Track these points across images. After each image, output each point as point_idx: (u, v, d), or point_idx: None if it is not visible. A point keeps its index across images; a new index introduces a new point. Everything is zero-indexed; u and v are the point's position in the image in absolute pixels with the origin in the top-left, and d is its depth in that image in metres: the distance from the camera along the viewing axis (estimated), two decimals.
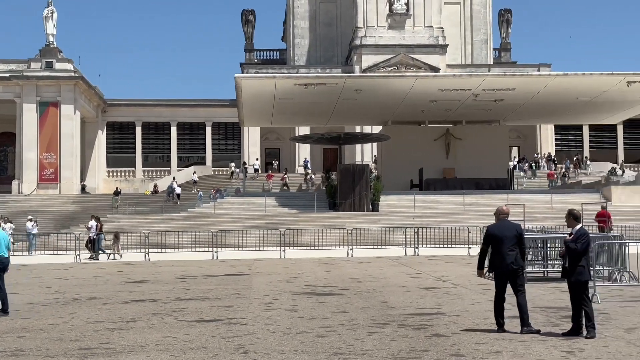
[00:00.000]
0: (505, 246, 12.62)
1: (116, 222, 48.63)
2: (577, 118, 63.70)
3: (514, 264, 12.58)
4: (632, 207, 50.68)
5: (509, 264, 12.57)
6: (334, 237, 39.29)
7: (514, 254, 12.60)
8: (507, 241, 12.63)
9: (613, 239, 21.08)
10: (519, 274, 12.63)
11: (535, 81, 51.06)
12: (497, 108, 55.29)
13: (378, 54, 74.91)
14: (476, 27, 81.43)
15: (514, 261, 12.59)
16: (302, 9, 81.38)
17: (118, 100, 79.75)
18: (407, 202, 51.68)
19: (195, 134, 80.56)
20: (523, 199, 46.68)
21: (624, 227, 38.23)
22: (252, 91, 50.01)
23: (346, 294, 18.62)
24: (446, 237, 38.33)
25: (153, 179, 76.35)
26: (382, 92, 51.00)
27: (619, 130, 79.55)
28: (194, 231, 40.62)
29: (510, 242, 12.63)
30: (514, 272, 12.58)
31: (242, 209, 52.37)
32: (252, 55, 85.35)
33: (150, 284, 22.05)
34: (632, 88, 49.64)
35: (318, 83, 48.69)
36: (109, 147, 79.44)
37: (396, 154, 58.31)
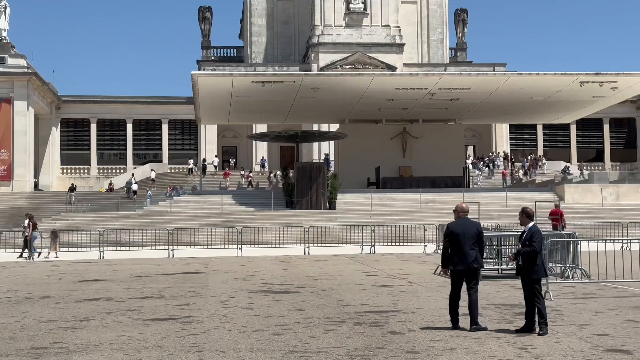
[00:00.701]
0: (466, 244, 12.68)
1: (70, 220, 48.08)
2: (531, 117, 64.52)
3: (474, 263, 12.65)
4: (584, 205, 51.55)
5: (470, 262, 12.63)
6: (291, 235, 39.30)
7: (475, 253, 12.66)
8: (468, 239, 12.68)
9: (565, 237, 21.39)
10: (478, 272, 12.73)
11: (490, 81, 51.59)
12: (453, 107, 55.75)
13: (335, 52, 75.04)
14: (433, 26, 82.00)
15: (475, 260, 12.66)
16: (259, 7, 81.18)
17: (73, 97, 78.75)
18: (364, 200, 51.89)
19: (152, 132, 79.90)
20: (478, 197, 47.17)
21: (576, 225, 38.87)
22: (209, 89, 49.77)
23: (302, 292, 18.63)
24: (402, 235, 38.56)
25: (108, 176, 75.58)
26: (340, 90, 51.11)
27: (572, 130, 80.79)
28: (150, 229, 40.28)
29: (471, 240, 12.69)
30: (474, 270, 12.67)
31: (198, 207, 52.12)
32: (209, 53, 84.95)
33: (104, 283, 21.82)
34: (584, 88, 50.40)
35: (275, 81, 48.63)
36: (63, 144, 78.42)
37: (353, 152, 58.52)
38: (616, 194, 53.66)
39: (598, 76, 49.55)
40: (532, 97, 53.67)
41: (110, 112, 78.62)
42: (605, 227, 41.09)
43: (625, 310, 14.85)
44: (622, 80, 50.27)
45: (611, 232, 40.04)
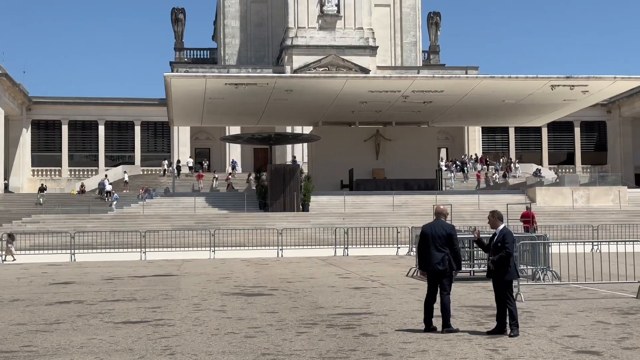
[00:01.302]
0: (433, 245, 12.71)
1: (41, 222, 47.65)
2: (503, 120, 64.95)
3: (439, 265, 12.66)
4: (555, 207, 52.00)
5: (434, 264, 12.66)
6: (264, 237, 39.24)
7: (442, 255, 12.66)
8: (436, 240, 12.70)
9: (537, 239, 21.54)
10: (446, 275, 12.69)
11: (462, 84, 51.86)
12: (426, 110, 55.98)
13: (309, 54, 75.04)
14: (406, 29, 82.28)
15: (440, 262, 12.66)
16: (232, 9, 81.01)
17: (44, 98, 78.05)
18: (337, 203, 51.95)
19: (124, 133, 79.40)
20: (451, 199, 47.48)
21: (548, 227, 39.18)
22: (182, 90, 49.56)
23: (275, 295, 18.61)
24: (375, 237, 38.66)
25: (80, 178, 75.02)
26: (313, 92, 51.14)
27: (544, 133, 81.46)
28: (122, 231, 40.04)
29: (439, 241, 12.71)
30: (441, 272, 12.68)
31: (171, 209, 51.89)
32: (182, 54, 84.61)
33: (75, 285, 21.65)
34: (555, 91, 50.82)
35: (249, 83, 48.54)
36: (34, 146, 77.71)
37: (327, 155, 58.56)
38: (587, 197, 54.18)
39: (569, 80, 49.99)
40: (504, 100, 54.03)
41: (82, 114, 78.02)
42: (576, 229, 41.48)
43: (595, 311, 14.99)
44: (592, 84, 50.76)
45: (582, 234, 40.41)
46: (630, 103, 78.60)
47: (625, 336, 12.15)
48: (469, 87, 51.18)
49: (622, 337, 12.10)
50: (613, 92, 56.14)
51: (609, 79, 50.97)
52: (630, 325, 13.29)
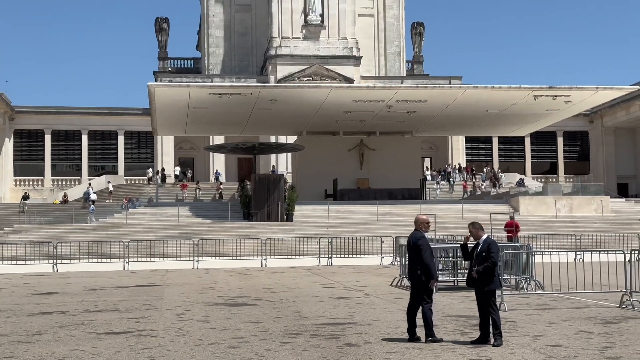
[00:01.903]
0: (409, 256, 12.86)
1: (23, 232, 47.33)
2: (487, 130, 65.20)
3: (412, 276, 12.81)
4: (538, 217, 52.20)
5: (410, 274, 12.82)
6: (248, 247, 39.15)
7: (413, 266, 12.78)
8: (410, 251, 12.82)
9: (520, 249, 21.61)
10: (422, 285, 12.69)
11: (446, 93, 52.02)
12: (410, 119, 56.12)
13: (293, 64, 75.10)
14: (390, 39, 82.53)
15: (410, 272, 12.83)
16: (217, 18, 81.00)
17: (26, 108, 77.64)
18: (321, 212, 51.94)
19: (107, 143, 79.10)
20: (435, 209, 47.57)
21: (531, 237, 39.31)
22: (166, 100, 49.45)
23: (259, 305, 18.56)
24: (359, 247, 38.64)
25: (63, 188, 74.65)
26: (297, 102, 51.16)
27: (527, 143, 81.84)
28: (105, 241, 39.83)
29: (411, 252, 12.84)
30: (414, 283, 12.78)
31: (154, 219, 51.70)
32: (166, 64, 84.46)
33: (58, 296, 21.50)
34: (538, 101, 51.06)
35: (233, 92, 48.49)
36: (16, 156, 77.27)
37: (311, 164, 58.57)
38: (569, 206, 54.44)
39: (552, 90, 50.25)
40: (488, 110, 54.25)
41: (65, 123, 77.69)
42: (559, 238, 41.64)
43: (578, 321, 15.04)
44: (575, 94, 51.06)
45: (565, 243, 40.57)
46: (612, 113, 79.15)
47: (608, 345, 12.21)
48: (453, 97, 51.36)
49: (605, 346, 12.15)
50: (595, 102, 56.51)
51: (591, 89, 51.30)
52: (613, 334, 13.34)
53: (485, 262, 12.32)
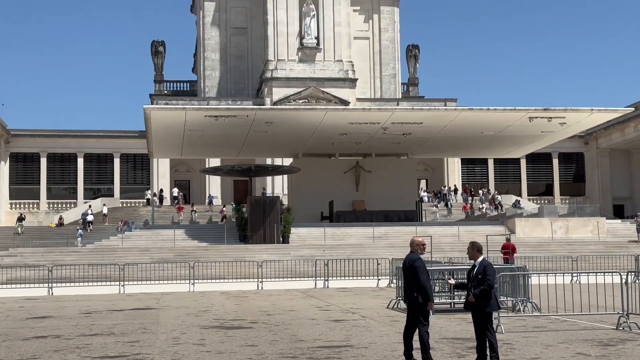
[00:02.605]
0: (406, 278, 12.84)
1: (19, 255, 47.16)
2: (482, 151, 65.32)
3: (408, 298, 12.76)
4: (534, 238, 52.17)
5: (407, 296, 12.78)
6: (244, 269, 39.06)
7: (409, 288, 12.75)
8: (406, 273, 12.79)
9: (516, 270, 21.60)
10: (418, 308, 12.64)
11: (442, 115, 52.16)
12: (406, 141, 56.20)
13: (289, 86, 75.30)
14: (385, 61, 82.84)
15: (406, 295, 12.79)
16: (212, 41, 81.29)
17: (22, 131, 77.69)
18: (317, 234, 51.87)
19: (103, 166, 79.09)
20: (431, 230, 47.49)
21: (527, 258, 39.29)
22: (162, 123, 49.51)
23: (255, 327, 18.48)
24: (356, 269, 38.59)
25: (58, 211, 74.51)
26: (293, 124, 51.25)
27: (523, 164, 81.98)
28: (101, 264, 39.73)
29: (406, 275, 12.81)
30: (411, 305, 12.74)
31: (150, 242, 51.57)
32: (162, 87, 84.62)
33: (53, 320, 21.40)
34: (533, 123, 51.20)
35: (229, 115, 48.56)
36: (12, 179, 77.20)
37: (307, 186, 58.57)
38: (566, 228, 54.44)
39: (547, 111, 50.43)
40: (483, 132, 54.37)
41: (61, 146, 77.72)
42: (556, 260, 41.62)
43: (575, 343, 15.00)
44: (570, 116, 51.21)
45: (561, 265, 40.54)
46: (607, 135, 79.41)
47: None
48: (448, 118, 51.49)
49: None
50: (590, 124, 56.67)
51: (586, 111, 51.47)
52: (610, 357, 13.30)
53: (482, 284, 12.30)
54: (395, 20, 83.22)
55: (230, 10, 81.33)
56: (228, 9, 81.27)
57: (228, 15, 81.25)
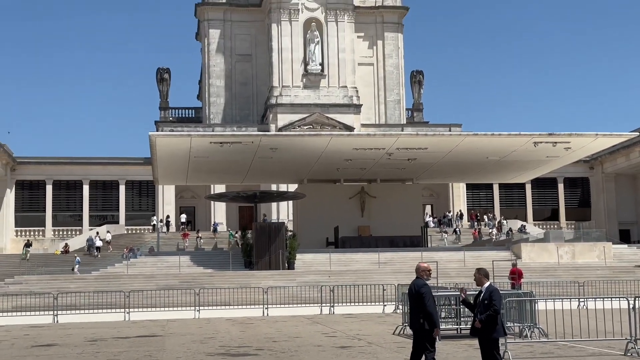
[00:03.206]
0: (411, 304, 12.78)
1: (24, 283, 47.12)
2: (487, 177, 65.29)
3: (414, 324, 12.69)
4: (540, 263, 51.97)
5: (412, 323, 12.71)
6: (250, 296, 38.94)
7: (415, 314, 12.68)
8: (412, 299, 12.73)
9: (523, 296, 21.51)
10: (425, 334, 12.57)
11: (446, 141, 52.21)
12: (411, 167, 56.22)
13: (293, 112, 75.59)
14: (389, 87, 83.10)
15: (412, 321, 12.72)
16: (217, 68, 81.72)
17: (28, 159, 78.00)
18: (322, 260, 51.75)
19: (109, 193, 79.24)
20: (437, 256, 47.40)
21: (534, 284, 39.12)
22: (167, 149, 49.63)
23: (261, 355, 18.41)
24: (361, 295, 38.44)
25: (64, 238, 74.58)
26: (298, 150, 51.33)
27: (528, 189, 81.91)
28: (106, 291, 39.64)
29: (414, 301, 12.75)
30: (417, 331, 12.67)
31: (155, 268, 51.49)
32: (168, 114, 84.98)
33: (58, 348, 21.34)
34: (538, 148, 51.18)
35: (234, 141, 48.66)
36: (17, 206, 77.37)
37: (312, 212, 58.52)
38: (572, 253, 54.23)
39: (551, 136, 50.41)
40: (488, 157, 54.38)
41: (67, 173, 77.94)
42: (562, 285, 41.42)
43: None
44: (574, 141, 51.20)
45: (568, 290, 40.31)
46: (612, 159, 79.38)
47: None
48: (453, 144, 51.53)
49: None
50: (595, 148, 56.67)
51: (590, 136, 51.45)
52: None
53: (488, 310, 12.26)
54: (400, 47, 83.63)
55: (235, 37, 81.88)
56: (233, 36, 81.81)
57: (233, 42, 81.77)
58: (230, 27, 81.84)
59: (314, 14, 78.13)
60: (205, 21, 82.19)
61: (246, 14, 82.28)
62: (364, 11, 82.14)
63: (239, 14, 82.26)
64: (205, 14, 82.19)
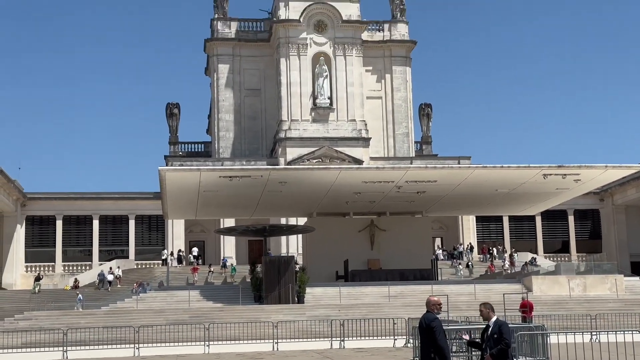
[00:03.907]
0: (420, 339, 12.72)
1: (34, 319, 47.07)
2: (497, 209, 65.14)
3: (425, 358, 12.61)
4: (552, 296, 51.61)
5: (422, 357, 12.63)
6: (260, 330, 38.79)
7: (426, 348, 12.61)
8: (423, 334, 12.68)
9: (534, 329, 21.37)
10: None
11: (455, 173, 52.19)
12: (420, 199, 56.17)
13: (302, 146, 75.84)
14: (398, 120, 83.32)
15: (423, 355, 12.64)
16: (227, 103, 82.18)
17: (38, 194, 78.32)
18: (332, 294, 51.56)
19: (118, 227, 79.39)
20: (447, 289, 47.20)
21: (545, 317, 38.83)
22: (177, 184, 49.79)
23: None
24: (372, 328, 38.23)
25: (74, 273, 74.63)
26: (307, 184, 51.40)
27: (538, 221, 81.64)
28: (116, 327, 39.53)
29: (422, 335, 12.69)
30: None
31: (165, 303, 51.37)
32: (177, 148, 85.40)
33: None
34: (548, 180, 51.09)
35: (243, 175, 48.78)
36: (28, 242, 77.56)
37: (321, 246, 58.42)
38: (583, 285, 53.85)
39: (561, 168, 50.32)
40: (497, 190, 54.30)
41: (77, 209, 78.18)
42: (574, 318, 41.05)
43: None
44: (584, 173, 51.09)
45: (580, 323, 39.98)
46: (622, 191, 79.12)
47: None
48: (462, 176, 51.51)
49: None
50: (605, 180, 56.53)
51: (600, 168, 51.33)
52: None
53: (498, 344, 12.19)
54: (408, 80, 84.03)
55: (244, 72, 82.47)
56: (242, 71, 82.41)
57: (242, 77, 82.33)
58: (240, 62, 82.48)
59: (322, 48, 78.68)
60: (215, 56, 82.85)
61: (255, 49, 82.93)
62: (372, 45, 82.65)
63: (248, 49, 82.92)
64: (215, 49, 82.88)
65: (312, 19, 78.92)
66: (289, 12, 78.97)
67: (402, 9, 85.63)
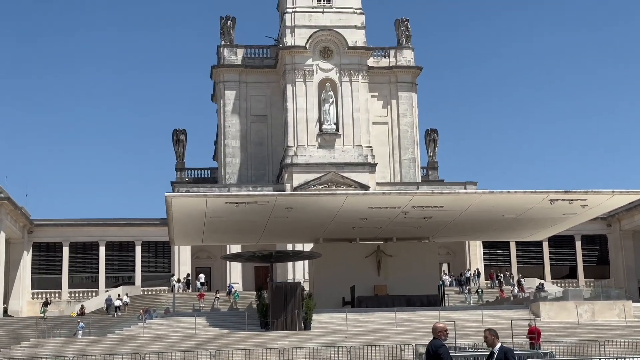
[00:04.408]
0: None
1: (40, 346, 46.95)
2: (504, 235, 64.95)
3: None
4: (560, 322, 51.31)
5: None
6: (266, 356, 38.65)
7: None
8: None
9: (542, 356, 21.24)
10: None
11: (462, 199, 52.13)
12: (427, 225, 56.05)
13: (309, 172, 75.89)
14: (404, 146, 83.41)
15: None
16: (233, 129, 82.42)
17: (45, 221, 78.40)
18: (339, 320, 51.35)
19: (125, 254, 79.37)
20: (454, 315, 47.02)
21: (553, 344, 38.59)
22: (183, 210, 49.81)
23: None
24: (379, 355, 38.04)
25: (80, 300, 74.51)
26: (313, 209, 51.37)
27: (545, 247, 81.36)
28: (122, 354, 39.40)
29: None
30: None
31: (171, 330, 51.20)
32: (183, 174, 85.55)
33: None
34: (555, 206, 50.95)
35: (249, 201, 48.80)
36: (34, 268, 77.55)
37: (328, 271, 58.29)
38: (591, 311, 53.53)
39: (567, 194, 50.18)
40: (504, 215, 54.16)
41: (83, 235, 78.25)
42: (582, 345, 40.77)
43: None
44: (591, 198, 50.95)
45: (588, 350, 39.70)
46: (630, 216, 78.86)
47: None
48: (469, 202, 51.42)
49: None
50: (612, 205, 56.35)
51: (607, 193, 51.19)
52: None
53: None
54: (414, 106, 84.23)
55: (250, 98, 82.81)
56: (248, 98, 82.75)
57: (248, 103, 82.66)
58: (246, 89, 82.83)
59: (328, 74, 79.01)
60: (221, 83, 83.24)
61: (261, 76, 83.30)
62: (378, 71, 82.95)
63: (254, 75, 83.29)
64: (221, 76, 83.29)
65: (318, 45, 79.31)
66: (295, 39, 79.40)
67: (408, 35, 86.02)
